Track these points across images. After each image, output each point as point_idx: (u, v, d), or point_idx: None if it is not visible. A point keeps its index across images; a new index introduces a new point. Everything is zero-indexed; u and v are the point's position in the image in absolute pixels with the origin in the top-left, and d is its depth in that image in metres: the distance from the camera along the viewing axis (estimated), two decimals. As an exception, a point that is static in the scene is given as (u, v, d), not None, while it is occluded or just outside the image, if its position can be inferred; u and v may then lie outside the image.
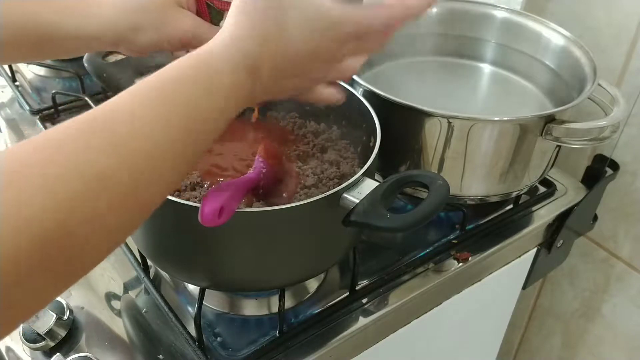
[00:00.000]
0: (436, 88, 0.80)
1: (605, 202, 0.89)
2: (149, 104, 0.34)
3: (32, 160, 0.29)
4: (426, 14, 0.54)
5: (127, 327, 0.62)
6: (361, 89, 0.66)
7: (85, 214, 0.30)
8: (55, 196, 0.29)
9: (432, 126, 0.63)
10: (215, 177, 0.59)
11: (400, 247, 0.71)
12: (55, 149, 0.30)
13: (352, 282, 0.63)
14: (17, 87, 0.95)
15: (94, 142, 0.31)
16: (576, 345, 1.07)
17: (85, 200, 0.30)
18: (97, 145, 0.31)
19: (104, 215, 0.31)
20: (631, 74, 0.81)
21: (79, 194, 0.30)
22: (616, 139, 0.84)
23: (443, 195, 0.47)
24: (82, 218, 0.30)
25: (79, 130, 0.32)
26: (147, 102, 0.34)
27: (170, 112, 0.35)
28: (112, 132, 0.32)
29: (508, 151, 0.65)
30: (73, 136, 0.31)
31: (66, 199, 0.29)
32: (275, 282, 0.57)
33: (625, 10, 0.79)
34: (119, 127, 0.32)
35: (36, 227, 0.28)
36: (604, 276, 0.97)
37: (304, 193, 0.58)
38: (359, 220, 0.48)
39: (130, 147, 0.32)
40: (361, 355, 0.65)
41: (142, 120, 0.33)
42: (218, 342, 0.59)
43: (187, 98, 0.36)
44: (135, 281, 0.66)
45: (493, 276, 0.76)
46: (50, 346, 0.59)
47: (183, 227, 0.51)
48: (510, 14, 0.82)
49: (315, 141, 0.67)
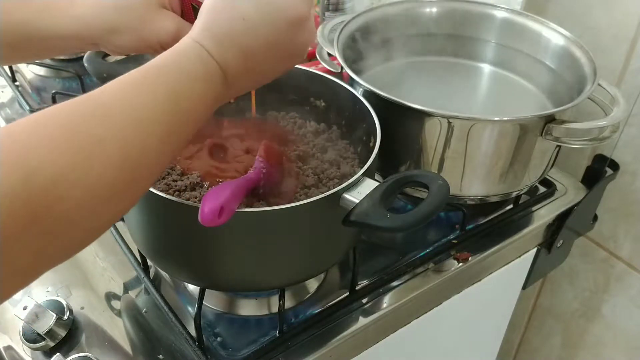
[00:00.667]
0: (436, 88, 0.80)
1: (605, 202, 0.89)
2: (135, 83, 0.38)
3: (29, 127, 0.32)
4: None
5: (127, 327, 0.62)
6: (361, 89, 0.66)
7: (78, 177, 0.32)
8: (50, 154, 0.31)
9: (432, 126, 0.63)
10: (215, 178, 0.59)
11: (400, 247, 0.71)
12: (52, 117, 0.33)
13: (352, 282, 0.63)
14: (17, 87, 0.95)
15: (87, 112, 0.34)
16: (576, 345, 1.07)
17: (78, 163, 0.32)
18: (91, 116, 0.34)
19: (95, 184, 0.33)
20: (631, 74, 0.81)
21: (73, 155, 0.32)
22: (616, 139, 0.84)
23: (443, 195, 0.47)
24: (74, 180, 0.31)
25: (74, 104, 0.35)
26: (133, 81, 0.38)
27: (156, 90, 0.38)
28: (103, 105, 0.35)
29: (508, 151, 0.65)
30: (69, 108, 0.34)
31: (60, 156, 0.31)
32: (275, 282, 0.57)
33: (625, 10, 0.79)
34: (110, 100, 0.36)
35: (31, 183, 0.30)
36: (604, 276, 0.97)
37: (304, 193, 0.58)
38: (359, 220, 0.48)
39: (120, 119, 0.35)
40: (361, 355, 0.65)
41: (130, 96, 0.37)
42: (218, 342, 0.59)
43: (168, 79, 0.39)
44: (135, 281, 0.66)
45: (493, 276, 0.76)
46: (50, 346, 0.59)
47: (183, 227, 0.51)
48: (510, 14, 0.82)
49: (315, 141, 0.67)
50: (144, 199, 0.51)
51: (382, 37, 0.82)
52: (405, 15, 0.83)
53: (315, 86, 0.68)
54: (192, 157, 0.61)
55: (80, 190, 0.32)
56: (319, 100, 0.69)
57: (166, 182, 0.57)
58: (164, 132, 0.38)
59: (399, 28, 0.83)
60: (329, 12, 1.00)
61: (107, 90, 0.37)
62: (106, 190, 0.34)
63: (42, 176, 0.30)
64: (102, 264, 0.68)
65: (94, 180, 0.33)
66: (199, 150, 0.62)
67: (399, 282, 0.66)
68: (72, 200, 0.31)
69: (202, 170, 0.59)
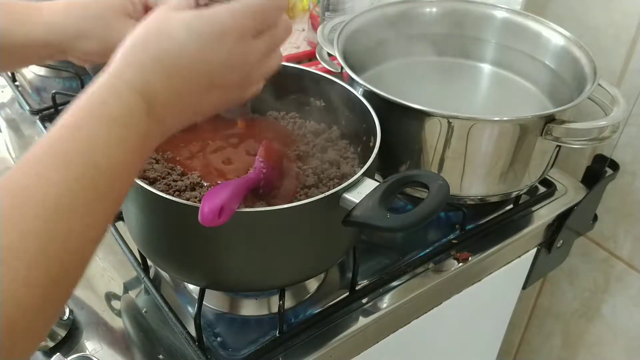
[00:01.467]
0: (436, 88, 0.80)
1: (605, 202, 0.89)
2: (51, 152, 0.34)
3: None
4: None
5: (127, 327, 0.62)
6: (361, 89, 0.66)
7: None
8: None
9: (432, 126, 0.63)
10: (215, 178, 0.59)
11: (400, 247, 0.71)
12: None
13: (352, 282, 0.63)
14: (17, 87, 0.95)
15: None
16: (576, 345, 1.07)
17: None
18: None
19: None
20: (631, 74, 0.81)
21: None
22: (616, 139, 0.84)
23: (443, 195, 0.47)
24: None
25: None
26: (50, 150, 0.34)
27: (70, 160, 0.34)
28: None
29: (508, 151, 0.65)
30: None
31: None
32: (275, 282, 0.57)
33: (625, 10, 0.79)
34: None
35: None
36: (604, 276, 0.97)
37: (304, 193, 0.58)
38: (359, 220, 0.48)
39: (31, 214, 0.32)
40: (361, 355, 0.65)
41: (47, 168, 0.33)
42: (218, 342, 0.59)
43: (84, 136, 0.35)
44: (135, 281, 0.66)
45: (493, 276, 0.76)
46: (50, 346, 0.59)
47: (183, 227, 0.51)
48: (510, 14, 0.82)
49: (315, 141, 0.67)
50: (144, 199, 0.51)
51: (382, 37, 0.81)
52: (405, 15, 0.83)
53: (315, 86, 0.68)
54: (192, 157, 0.61)
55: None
56: (319, 100, 0.69)
57: (166, 182, 0.57)
58: (85, 212, 0.34)
59: (399, 28, 0.83)
60: (329, 12, 1.00)
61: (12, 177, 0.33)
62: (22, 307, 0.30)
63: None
64: (102, 264, 0.68)
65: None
66: (199, 150, 0.62)
67: (399, 282, 0.66)
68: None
69: (202, 170, 0.59)
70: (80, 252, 0.34)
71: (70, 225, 0.33)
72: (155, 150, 0.62)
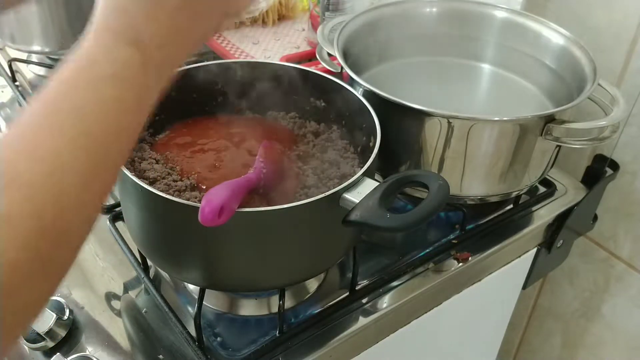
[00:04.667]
0: (436, 88, 0.80)
1: (605, 202, 0.89)
2: (44, 111, 0.33)
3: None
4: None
5: (127, 327, 0.62)
6: (361, 89, 0.66)
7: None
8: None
9: (432, 126, 0.63)
10: (215, 178, 0.59)
11: (400, 247, 0.71)
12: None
13: (352, 282, 0.63)
14: (17, 87, 0.95)
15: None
16: (576, 345, 1.07)
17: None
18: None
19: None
20: (631, 74, 0.81)
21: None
22: (616, 139, 0.84)
23: (443, 195, 0.47)
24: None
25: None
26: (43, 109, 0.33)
27: (64, 119, 0.33)
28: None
29: (508, 151, 0.65)
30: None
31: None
32: (275, 282, 0.57)
33: (625, 10, 0.79)
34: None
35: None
36: (604, 276, 0.97)
37: (304, 193, 0.58)
38: (359, 220, 0.48)
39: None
40: (361, 355, 0.65)
41: (37, 147, 0.32)
42: (218, 342, 0.59)
43: (75, 102, 0.33)
44: (135, 281, 0.66)
45: (493, 276, 0.76)
46: (50, 346, 0.59)
47: (183, 227, 0.51)
48: (510, 14, 0.82)
49: (315, 141, 0.67)
50: (144, 199, 0.51)
51: (382, 37, 0.82)
52: (405, 15, 0.83)
53: (315, 86, 0.68)
54: (192, 157, 0.61)
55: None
56: (319, 100, 0.68)
57: (166, 182, 0.57)
58: (91, 154, 0.32)
59: (398, 28, 0.83)
60: (329, 12, 1.00)
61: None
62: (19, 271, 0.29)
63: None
64: (102, 264, 0.68)
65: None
66: (199, 150, 0.62)
67: (399, 282, 0.66)
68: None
69: (202, 170, 0.59)
70: (73, 233, 0.32)
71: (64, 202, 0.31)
72: (156, 151, 0.62)
